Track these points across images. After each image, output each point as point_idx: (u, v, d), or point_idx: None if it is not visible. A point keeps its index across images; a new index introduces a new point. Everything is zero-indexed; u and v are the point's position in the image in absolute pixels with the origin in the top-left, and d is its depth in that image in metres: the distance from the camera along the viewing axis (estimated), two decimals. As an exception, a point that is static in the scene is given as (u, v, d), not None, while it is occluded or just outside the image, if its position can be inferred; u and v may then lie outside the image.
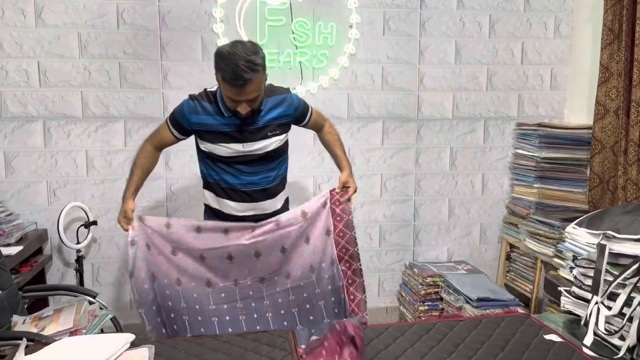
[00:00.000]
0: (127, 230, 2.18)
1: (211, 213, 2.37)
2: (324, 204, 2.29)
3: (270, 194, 2.33)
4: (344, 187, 2.32)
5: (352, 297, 2.25)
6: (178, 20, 3.15)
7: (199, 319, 2.18)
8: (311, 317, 2.24)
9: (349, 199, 2.30)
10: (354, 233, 2.29)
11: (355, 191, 2.32)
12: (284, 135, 2.29)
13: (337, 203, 2.29)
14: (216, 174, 2.26)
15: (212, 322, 2.18)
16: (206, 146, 2.23)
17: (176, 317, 2.18)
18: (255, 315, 2.20)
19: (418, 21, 3.38)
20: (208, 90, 2.25)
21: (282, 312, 2.23)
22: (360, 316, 2.23)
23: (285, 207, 2.44)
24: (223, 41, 3.16)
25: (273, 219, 2.26)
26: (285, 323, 2.22)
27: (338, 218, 2.29)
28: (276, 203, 2.37)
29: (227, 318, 2.19)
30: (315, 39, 3.28)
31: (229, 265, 2.20)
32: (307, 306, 2.25)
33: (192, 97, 2.24)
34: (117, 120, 3.17)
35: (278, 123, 2.25)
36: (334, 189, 2.33)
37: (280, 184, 2.40)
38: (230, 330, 2.17)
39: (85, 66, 3.10)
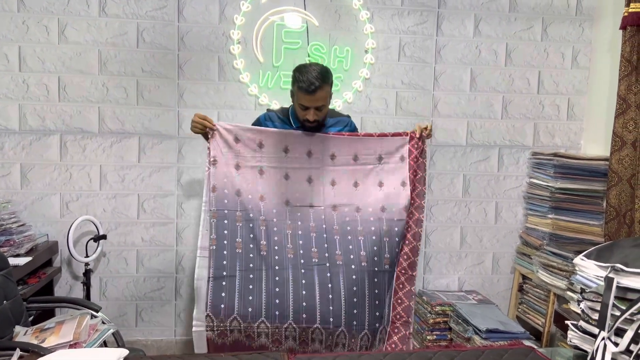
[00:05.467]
0: (206, 127, 2.44)
1: None
2: (402, 158, 2.57)
3: None
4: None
5: (408, 243, 2.55)
6: (196, 41, 3.21)
7: (275, 230, 2.47)
8: (375, 248, 2.49)
9: (429, 134, 2.58)
10: (424, 188, 2.59)
11: (431, 129, 2.60)
12: None
13: (416, 146, 2.56)
14: None
15: (286, 234, 2.47)
16: None
17: (254, 226, 2.45)
18: (325, 235, 2.48)
19: (434, 48, 3.39)
20: (283, 107, 2.76)
21: (349, 237, 2.50)
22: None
23: None
24: (240, 62, 3.22)
25: (353, 147, 2.56)
26: (350, 247, 2.48)
27: (413, 172, 2.57)
28: None
29: (300, 232, 2.48)
30: (331, 62, 3.30)
31: (308, 187, 2.52)
32: (374, 237, 2.50)
33: (268, 109, 2.81)
34: (132, 136, 3.21)
35: None
36: (413, 131, 2.58)
37: None
38: (300, 242, 2.45)
39: (103, 83, 3.16)
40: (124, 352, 1.51)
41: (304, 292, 2.36)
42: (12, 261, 2.56)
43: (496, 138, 3.50)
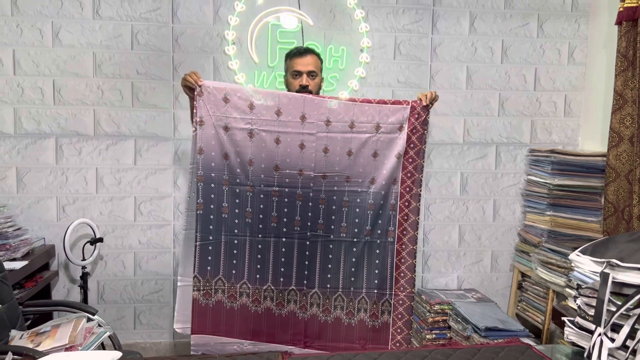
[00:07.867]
0: (194, 83, 2.42)
1: None
2: (401, 128, 2.51)
3: None
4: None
5: (405, 217, 2.56)
6: (191, 42, 3.20)
7: (261, 197, 2.49)
8: (357, 220, 2.55)
9: (432, 102, 2.51)
10: (423, 161, 2.55)
11: (435, 96, 2.52)
12: None
13: (417, 116, 2.51)
14: None
15: (272, 200, 2.50)
16: None
17: (240, 192, 2.49)
18: (310, 204, 2.51)
19: (429, 46, 3.38)
20: None
21: (334, 207, 2.54)
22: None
23: None
24: (235, 63, 3.21)
25: (350, 113, 2.48)
26: (333, 217, 2.54)
27: (411, 145, 2.53)
28: None
29: (286, 200, 2.50)
30: (326, 62, 3.29)
31: (299, 153, 2.48)
32: (357, 210, 2.55)
33: None
34: (127, 138, 3.21)
35: None
36: (415, 100, 2.52)
37: None
38: (285, 210, 2.49)
39: (98, 85, 3.15)
40: (117, 354, 1.50)
41: (282, 260, 2.53)
42: (9, 265, 2.56)
43: (493, 135, 3.49)
